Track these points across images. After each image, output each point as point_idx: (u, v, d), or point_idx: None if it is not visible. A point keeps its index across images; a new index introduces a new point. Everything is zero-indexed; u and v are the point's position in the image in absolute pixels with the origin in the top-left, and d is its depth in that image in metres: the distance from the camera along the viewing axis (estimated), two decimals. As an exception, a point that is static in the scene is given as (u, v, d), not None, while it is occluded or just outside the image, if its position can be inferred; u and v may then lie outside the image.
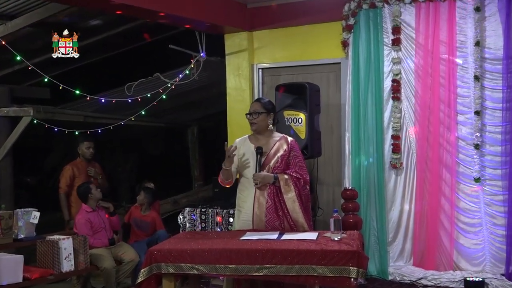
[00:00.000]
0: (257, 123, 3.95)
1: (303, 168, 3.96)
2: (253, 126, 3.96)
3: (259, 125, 3.96)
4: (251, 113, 3.96)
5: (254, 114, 3.95)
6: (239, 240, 3.52)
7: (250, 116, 3.97)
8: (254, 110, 3.96)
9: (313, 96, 5.20)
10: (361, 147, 5.52)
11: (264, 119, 3.95)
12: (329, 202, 5.91)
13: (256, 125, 3.96)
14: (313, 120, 5.15)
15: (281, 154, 3.91)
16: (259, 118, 3.94)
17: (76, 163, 6.02)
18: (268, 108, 3.99)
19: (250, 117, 3.96)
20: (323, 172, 5.89)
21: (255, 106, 3.98)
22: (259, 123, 3.95)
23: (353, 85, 5.55)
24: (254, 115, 3.95)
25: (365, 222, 5.36)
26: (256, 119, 3.94)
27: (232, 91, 6.24)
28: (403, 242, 5.48)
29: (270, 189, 3.86)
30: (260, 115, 3.94)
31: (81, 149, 6.04)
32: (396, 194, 5.49)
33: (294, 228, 3.83)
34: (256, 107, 3.97)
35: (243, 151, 3.98)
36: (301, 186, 3.89)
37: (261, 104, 3.98)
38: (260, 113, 3.94)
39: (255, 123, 3.95)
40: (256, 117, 3.94)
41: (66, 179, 5.90)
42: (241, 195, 3.98)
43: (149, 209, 5.93)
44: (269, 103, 4.05)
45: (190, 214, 5.59)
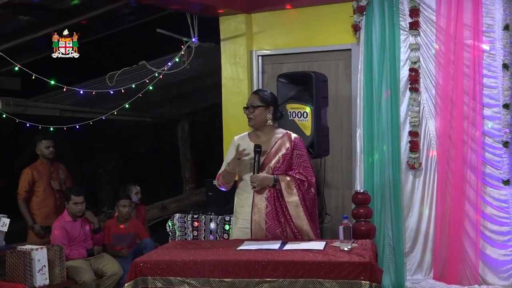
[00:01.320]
0: (253, 118, 3.97)
1: (308, 169, 3.98)
2: (250, 121, 3.99)
3: (256, 120, 3.98)
4: (247, 107, 3.98)
5: (250, 108, 3.96)
6: (236, 251, 3.53)
7: (246, 110, 3.99)
8: (251, 103, 3.98)
9: (320, 87, 5.21)
10: (374, 145, 5.52)
11: (262, 113, 3.97)
12: (338, 207, 5.94)
13: (253, 121, 3.98)
14: (320, 115, 5.16)
15: (283, 153, 3.94)
16: (256, 113, 3.96)
17: (36, 166, 6.04)
18: (267, 101, 4.00)
19: (246, 111, 3.99)
20: (331, 173, 5.91)
21: (252, 98, 4.01)
22: (256, 118, 3.97)
23: (365, 74, 5.55)
24: (250, 109, 3.97)
25: (378, 230, 5.37)
26: (253, 113, 3.96)
27: (228, 81, 6.24)
28: (422, 253, 5.49)
29: (270, 193, 3.88)
30: (257, 109, 3.96)
31: (40, 149, 6.05)
32: (414, 198, 5.51)
33: (298, 236, 3.85)
34: (253, 100, 3.99)
35: (241, 149, 3.98)
36: (306, 189, 3.91)
37: (259, 97, 4.00)
38: (257, 106, 3.96)
39: (251, 118, 3.98)
40: (252, 112, 3.96)
41: (24, 184, 5.93)
42: (239, 200, 4.02)
43: (128, 219, 5.94)
44: (270, 95, 4.06)
45: (181, 220, 5.62)
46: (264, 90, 4.10)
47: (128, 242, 5.81)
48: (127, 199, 6.05)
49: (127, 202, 5.97)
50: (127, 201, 5.99)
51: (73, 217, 5.50)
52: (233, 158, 3.89)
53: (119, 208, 5.95)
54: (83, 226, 5.53)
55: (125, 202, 5.97)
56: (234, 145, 4.06)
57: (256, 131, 4.04)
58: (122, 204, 5.95)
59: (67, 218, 5.48)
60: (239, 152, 3.87)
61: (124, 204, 5.95)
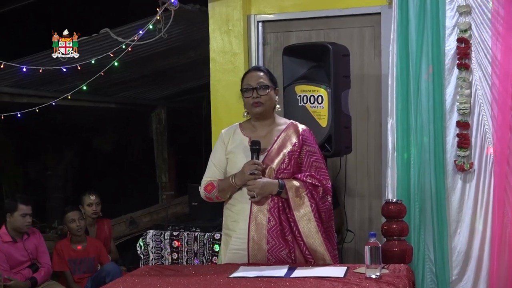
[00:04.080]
0: (264, 103, 3.98)
1: (322, 170, 4.01)
2: (258, 107, 4.00)
3: (267, 105, 4.01)
4: (254, 88, 3.97)
5: (261, 89, 3.97)
6: (228, 279, 3.54)
7: (253, 92, 3.98)
8: (260, 82, 3.97)
9: (340, 64, 5.18)
10: (411, 139, 5.49)
11: (272, 96, 4.03)
12: (363, 221, 5.95)
13: (262, 106, 4.00)
14: (339, 100, 5.14)
15: (288, 150, 3.97)
16: (268, 96, 3.98)
17: None
18: (274, 80, 4.09)
19: (253, 94, 3.97)
20: (354, 177, 5.92)
21: (258, 77, 4.01)
22: (267, 103, 4.00)
23: (399, 46, 5.51)
24: (260, 90, 3.97)
25: (416, 251, 5.36)
26: (264, 96, 3.97)
27: (217, 55, 6.21)
28: (475, 282, 5.46)
29: (274, 203, 3.90)
30: (269, 90, 3.99)
31: None
32: (464, 209, 5.48)
33: (310, 260, 3.88)
34: (262, 79, 4.00)
35: (233, 147, 4.05)
36: (320, 197, 3.93)
37: (267, 75, 4.04)
38: (268, 87, 3.99)
39: (261, 104, 3.98)
40: (264, 94, 3.97)
41: None
42: (231, 212, 4.04)
43: (85, 239, 5.95)
44: (271, 73, 4.12)
45: (156, 239, 5.64)
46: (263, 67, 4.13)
47: (87, 269, 5.84)
48: (76, 210, 6.05)
49: (76, 215, 5.99)
50: (76, 214, 6.01)
51: (14, 236, 5.52)
52: (239, 173, 3.90)
53: (67, 225, 5.96)
54: (26, 245, 5.55)
55: (73, 215, 5.99)
56: (222, 141, 4.12)
57: (255, 121, 4.07)
58: (70, 218, 5.97)
59: (5, 237, 5.50)
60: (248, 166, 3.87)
61: (73, 218, 5.97)
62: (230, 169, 4.04)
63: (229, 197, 4.05)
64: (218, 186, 4.03)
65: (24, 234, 5.77)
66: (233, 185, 3.95)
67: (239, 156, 4.00)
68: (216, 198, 4.07)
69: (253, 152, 3.91)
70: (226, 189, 4.00)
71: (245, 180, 3.89)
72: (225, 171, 4.07)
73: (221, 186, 4.02)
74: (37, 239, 5.91)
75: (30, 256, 5.64)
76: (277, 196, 3.90)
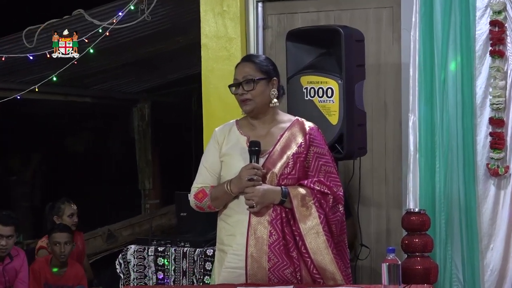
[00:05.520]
0: (252, 100, 3.95)
1: (333, 176, 3.99)
2: (247, 105, 3.97)
3: (257, 102, 3.97)
4: (239, 83, 3.95)
5: (246, 84, 3.94)
6: (223, 302, 3.56)
7: (238, 88, 3.96)
8: (245, 76, 3.95)
9: (353, 51, 5.14)
10: (436, 139, 5.48)
11: (264, 90, 3.95)
12: (380, 234, 5.96)
13: (251, 104, 3.96)
14: (352, 93, 5.11)
15: (293, 152, 3.93)
16: (256, 91, 3.94)
17: None
18: (268, 69, 4.01)
19: (239, 91, 3.96)
20: (369, 183, 5.93)
21: (244, 69, 3.98)
22: (257, 99, 3.95)
23: (422, 31, 5.48)
24: (246, 85, 3.94)
25: (442, 269, 5.34)
26: (251, 92, 3.94)
27: (210, 41, 6.23)
28: (510, 305, 5.50)
29: (276, 214, 3.88)
30: (257, 84, 3.94)
31: None
32: (498, 221, 5.44)
33: (318, 280, 3.86)
34: (247, 71, 3.96)
35: (228, 148, 4.02)
36: (330, 208, 3.92)
37: (255, 65, 3.98)
38: (256, 80, 3.94)
39: (249, 100, 3.95)
40: (250, 89, 3.93)
41: None
42: (226, 224, 4.01)
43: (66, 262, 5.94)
44: (267, 61, 4.06)
45: (138, 256, 5.63)
46: (257, 55, 4.09)
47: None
48: (65, 231, 6.03)
49: (63, 238, 5.98)
50: (64, 236, 5.99)
51: None
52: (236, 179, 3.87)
53: (52, 246, 5.95)
54: (7, 270, 5.57)
55: (60, 237, 5.98)
56: (216, 141, 4.10)
57: (252, 119, 4.05)
58: (55, 240, 5.93)
59: None
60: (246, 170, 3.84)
61: (58, 241, 5.93)
62: (225, 173, 4.00)
63: (224, 207, 4.01)
64: (210, 194, 4.00)
65: (5, 257, 5.79)
66: (229, 193, 3.91)
67: (236, 159, 3.96)
68: (208, 207, 4.04)
69: (252, 155, 3.87)
70: (220, 197, 3.97)
71: (243, 187, 3.85)
72: (219, 176, 4.04)
73: (214, 194, 3.98)
74: (20, 263, 5.90)
75: (6, 285, 5.63)
76: (279, 206, 3.87)
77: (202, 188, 4.04)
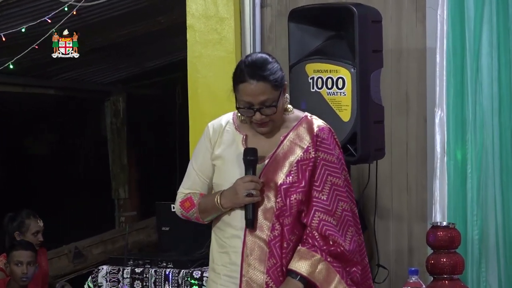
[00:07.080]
0: (273, 121, 3.88)
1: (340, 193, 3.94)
2: (266, 127, 3.90)
3: (276, 120, 3.90)
4: (258, 108, 3.81)
5: (268, 107, 3.82)
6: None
7: (255, 113, 3.84)
8: (263, 101, 3.81)
9: (369, 34, 5.20)
10: (467, 138, 5.47)
11: (282, 104, 3.90)
12: (401, 253, 6.02)
13: (271, 125, 3.90)
14: (367, 84, 5.15)
15: (298, 158, 3.91)
16: (278, 113, 3.87)
17: None
18: (280, 77, 3.88)
19: (256, 116, 3.85)
20: (388, 192, 5.99)
21: (261, 90, 3.82)
22: (276, 117, 3.88)
23: (451, 9, 5.48)
24: (266, 110, 3.82)
25: (476, 295, 5.23)
26: (272, 116, 3.84)
27: (197, 22, 6.29)
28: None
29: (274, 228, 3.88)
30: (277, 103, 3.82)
31: None
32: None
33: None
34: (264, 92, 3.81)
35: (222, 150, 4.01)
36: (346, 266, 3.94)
37: (270, 83, 3.82)
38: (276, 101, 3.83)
39: (270, 122, 3.89)
40: (271, 112, 3.83)
41: None
42: (219, 239, 4.01)
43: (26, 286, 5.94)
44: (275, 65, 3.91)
45: (112, 278, 5.57)
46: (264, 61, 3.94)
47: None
48: (29, 249, 6.01)
49: (26, 257, 5.95)
50: (27, 255, 5.96)
51: None
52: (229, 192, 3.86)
53: (12, 267, 5.93)
54: None
55: (23, 256, 5.94)
56: (208, 138, 4.06)
57: None
58: (16, 259, 5.91)
59: None
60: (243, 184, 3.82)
61: (20, 261, 5.92)
62: (217, 180, 3.96)
63: (217, 218, 4.00)
64: (199, 204, 3.97)
65: None
66: (219, 208, 3.89)
67: (230, 165, 3.92)
68: (196, 219, 4.03)
69: (248, 166, 3.83)
70: (209, 210, 3.94)
71: (239, 203, 3.84)
72: (210, 180, 3.99)
73: (203, 206, 3.95)
74: None
75: None
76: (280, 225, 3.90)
77: (190, 195, 4.01)
